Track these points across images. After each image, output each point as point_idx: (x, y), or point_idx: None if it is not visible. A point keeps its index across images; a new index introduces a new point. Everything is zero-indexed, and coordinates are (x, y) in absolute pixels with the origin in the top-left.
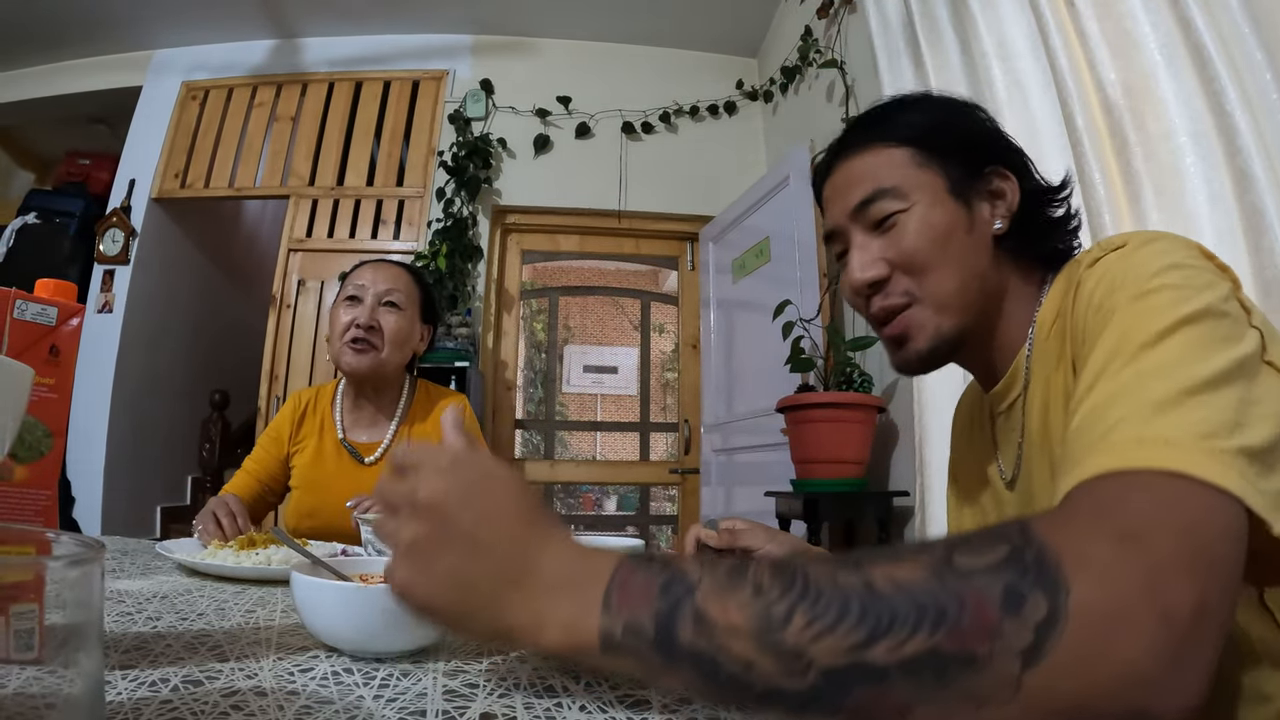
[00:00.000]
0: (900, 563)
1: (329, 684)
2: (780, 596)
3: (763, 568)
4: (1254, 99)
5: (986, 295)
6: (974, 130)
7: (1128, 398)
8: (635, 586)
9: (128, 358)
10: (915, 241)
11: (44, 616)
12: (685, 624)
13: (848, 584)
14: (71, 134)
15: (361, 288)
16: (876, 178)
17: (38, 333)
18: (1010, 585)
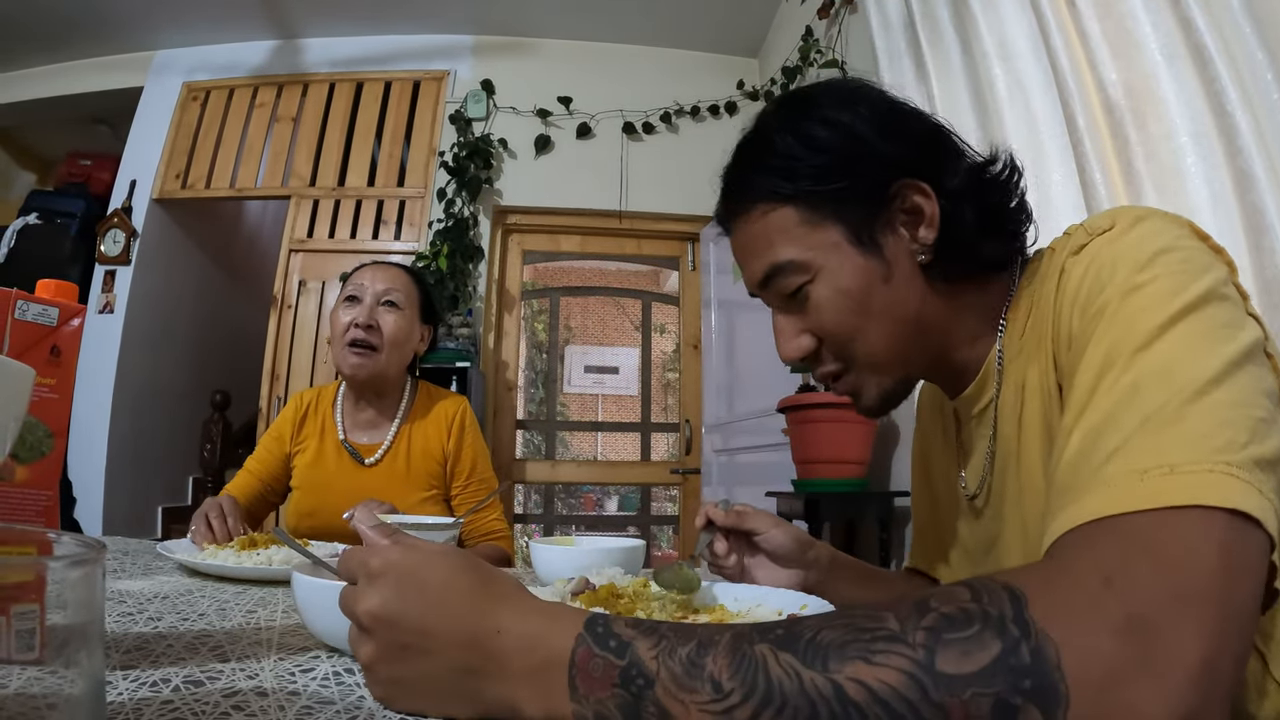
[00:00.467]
0: (874, 662)
1: (330, 684)
2: (742, 701)
3: (720, 656)
4: (1255, 99)
5: (928, 331)
6: (860, 148)
7: (1124, 417)
8: (595, 673)
9: (129, 358)
10: (831, 317)
11: (45, 617)
12: (650, 717)
13: (814, 688)
14: (73, 134)
15: (360, 287)
16: (769, 252)
17: (39, 333)
18: (1001, 698)
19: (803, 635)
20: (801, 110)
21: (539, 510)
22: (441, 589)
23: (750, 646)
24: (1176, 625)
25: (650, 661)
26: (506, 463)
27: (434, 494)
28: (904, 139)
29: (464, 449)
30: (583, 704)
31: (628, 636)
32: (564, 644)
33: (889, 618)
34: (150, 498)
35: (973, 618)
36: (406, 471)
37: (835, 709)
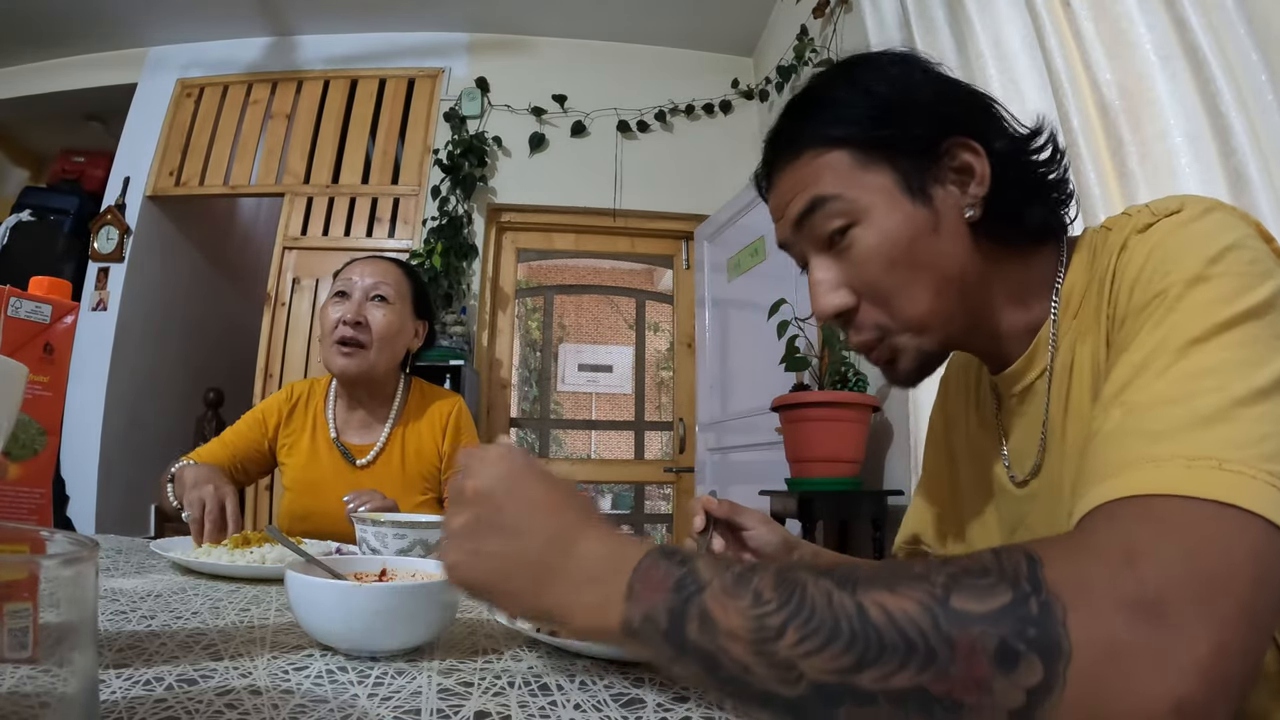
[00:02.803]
0: (896, 591)
1: (324, 682)
2: (777, 609)
3: (767, 576)
4: (1249, 100)
5: (970, 294)
6: (916, 100)
7: (1175, 404)
8: (655, 579)
9: (122, 356)
10: (878, 265)
11: (38, 615)
12: (693, 621)
13: (841, 606)
14: (66, 131)
15: (349, 282)
16: (814, 187)
17: (32, 330)
18: (1006, 641)
19: (844, 569)
20: (857, 65)
21: None
22: (546, 492)
23: (795, 573)
24: (1192, 614)
25: (706, 572)
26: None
27: (429, 497)
28: (957, 100)
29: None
30: (634, 605)
31: (691, 555)
32: (634, 555)
33: (917, 565)
34: (143, 496)
35: (990, 571)
36: (401, 473)
37: (855, 626)
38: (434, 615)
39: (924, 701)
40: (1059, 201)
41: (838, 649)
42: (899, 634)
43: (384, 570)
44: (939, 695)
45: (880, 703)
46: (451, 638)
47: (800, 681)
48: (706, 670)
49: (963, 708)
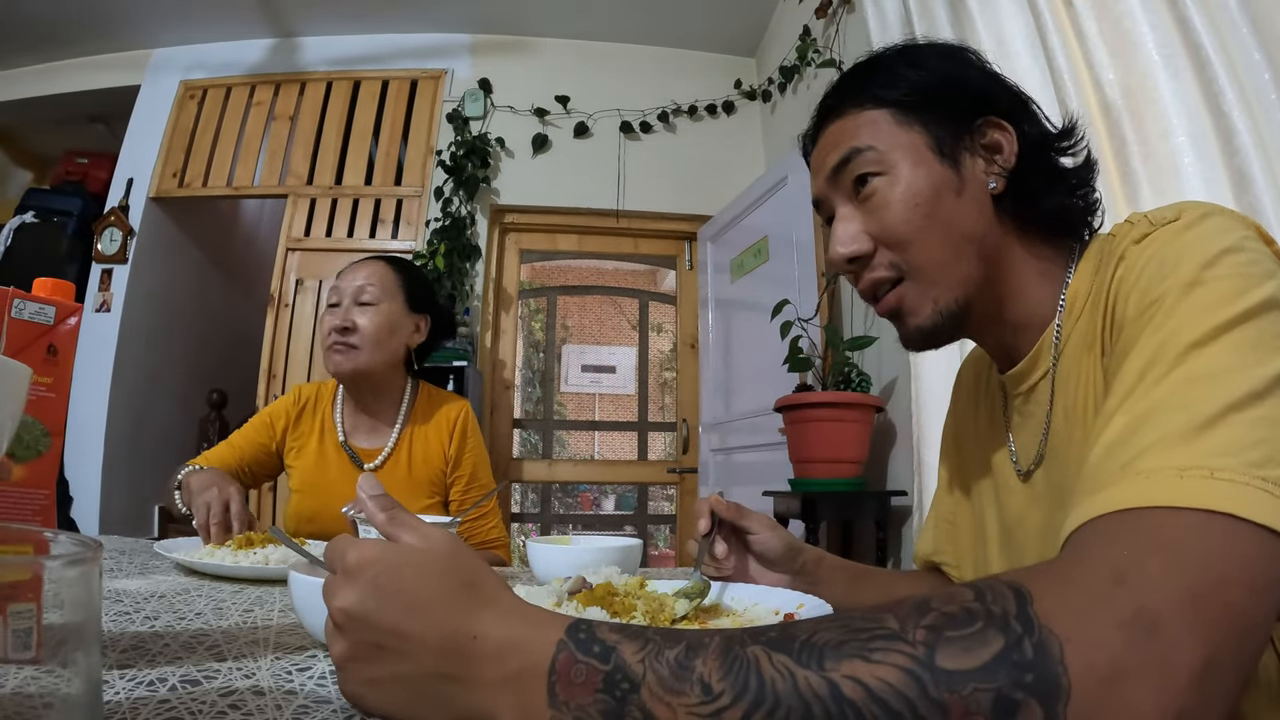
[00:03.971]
0: (871, 659)
1: (326, 683)
2: (732, 702)
3: (710, 658)
4: (1252, 99)
5: (987, 262)
6: (960, 79)
7: (1169, 412)
8: (578, 679)
9: (125, 357)
10: (897, 211)
11: (42, 616)
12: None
13: (808, 687)
14: (69, 133)
15: (339, 290)
16: (851, 139)
17: (35, 332)
18: (1002, 693)
19: (797, 637)
20: (910, 45)
21: (536, 509)
22: (418, 590)
23: (742, 649)
24: (1184, 627)
25: (636, 665)
26: (504, 462)
27: (435, 500)
28: (997, 86)
29: (465, 454)
30: (562, 711)
31: (612, 641)
32: (544, 650)
33: (888, 618)
34: (147, 497)
35: (975, 616)
36: (409, 476)
37: (830, 708)
38: None
39: None
40: (1079, 200)
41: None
42: (882, 710)
43: None
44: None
45: None
46: None
47: None
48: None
49: None
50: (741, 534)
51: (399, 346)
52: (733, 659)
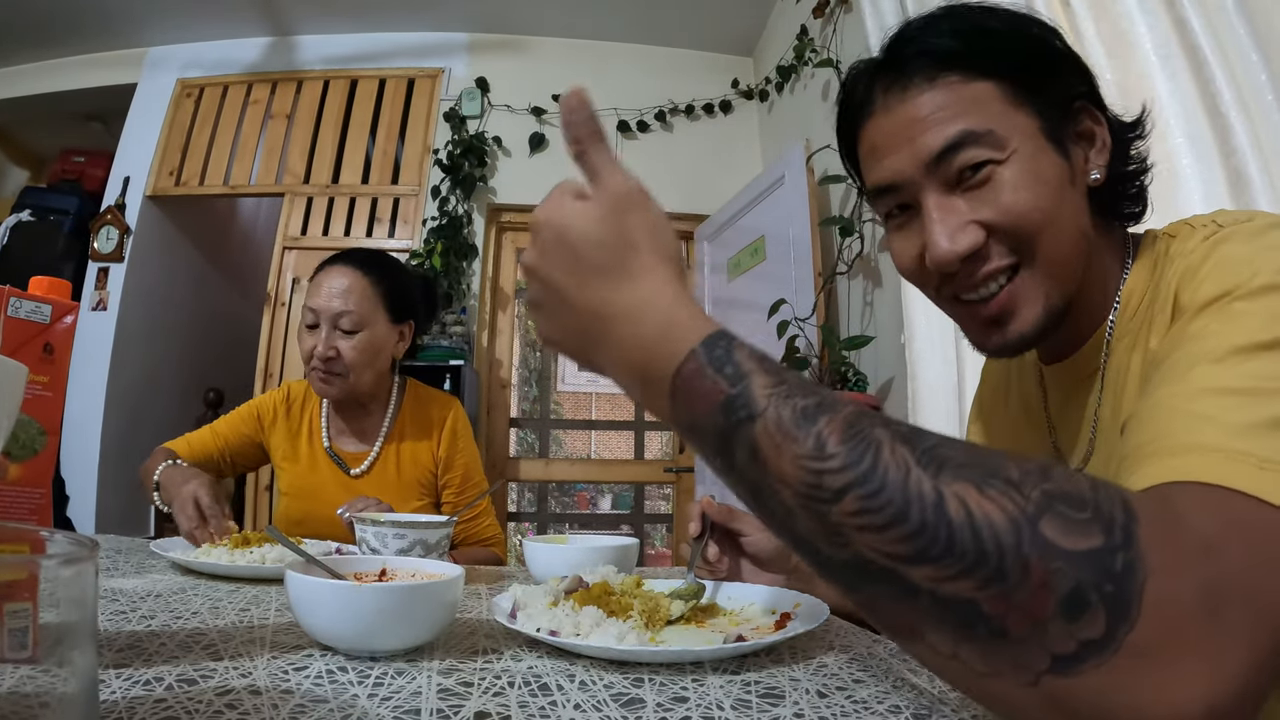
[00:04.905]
0: (984, 492)
1: (323, 683)
2: (840, 468)
3: (836, 420)
4: (1249, 100)
5: (1088, 258)
6: (1060, 57)
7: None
8: (699, 389)
9: (122, 356)
10: (1023, 199)
11: (38, 615)
12: (741, 449)
13: (917, 488)
14: (66, 131)
15: (315, 312)
16: (961, 118)
17: (32, 330)
18: (1081, 587)
19: (925, 441)
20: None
21: (532, 508)
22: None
23: (870, 427)
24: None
25: (762, 399)
26: (500, 461)
27: (427, 502)
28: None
29: (456, 456)
30: (679, 412)
31: (747, 368)
32: (675, 352)
33: (1011, 467)
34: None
35: (1086, 504)
36: (398, 480)
37: (928, 516)
38: (434, 615)
39: (970, 615)
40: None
41: (900, 534)
42: (974, 540)
43: (384, 570)
44: (990, 615)
45: (921, 599)
46: (451, 638)
47: (845, 549)
48: (752, 497)
49: (1006, 635)
50: (734, 536)
51: (385, 361)
52: (857, 431)
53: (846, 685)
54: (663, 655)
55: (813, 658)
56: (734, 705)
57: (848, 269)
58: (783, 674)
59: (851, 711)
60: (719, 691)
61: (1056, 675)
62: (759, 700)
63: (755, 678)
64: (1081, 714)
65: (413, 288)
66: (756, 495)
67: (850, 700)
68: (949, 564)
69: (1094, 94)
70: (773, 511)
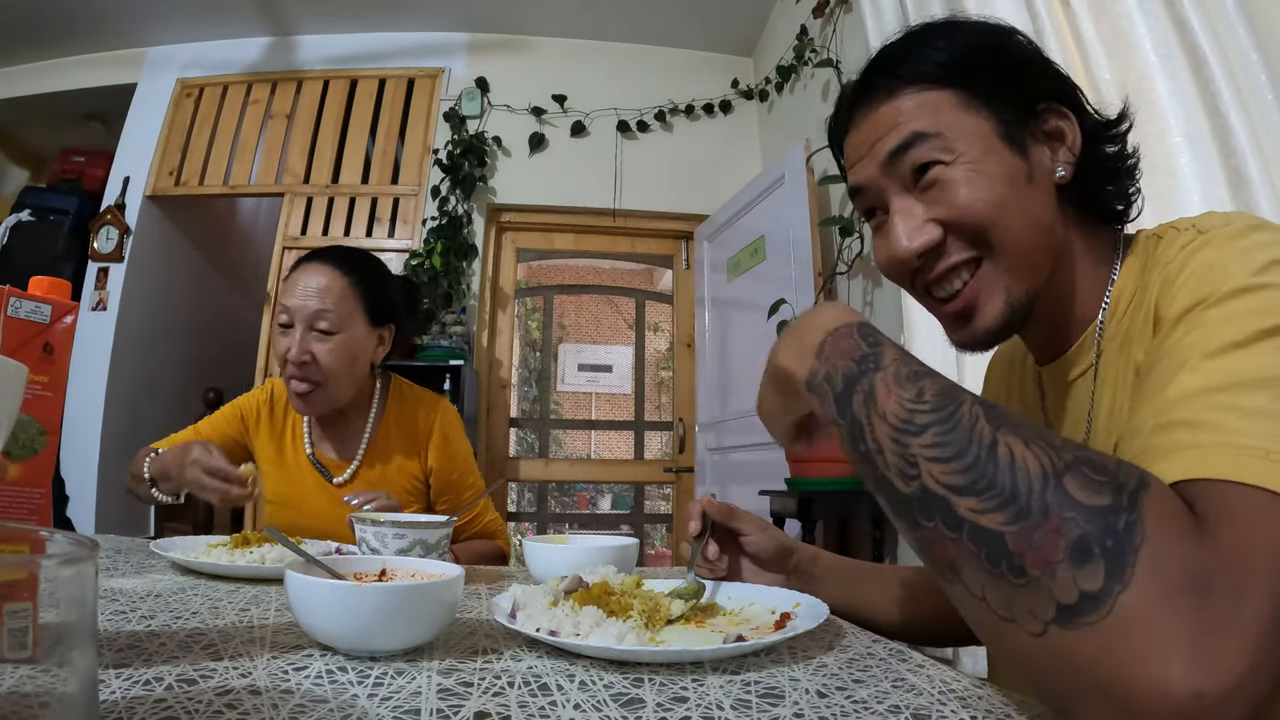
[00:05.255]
0: (1029, 445)
1: (323, 682)
2: (929, 410)
3: (937, 382)
4: (1249, 100)
5: (1055, 254)
6: (1020, 59)
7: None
8: (843, 347)
9: (122, 356)
10: (969, 195)
11: (38, 615)
12: (859, 393)
13: (979, 432)
14: (66, 131)
15: (289, 310)
16: (912, 122)
17: (32, 330)
18: (1086, 538)
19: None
20: (959, 19)
21: (532, 508)
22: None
23: (961, 391)
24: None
25: (889, 360)
26: (500, 461)
27: (417, 508)
28: (1051, 68)
29: (451, 465)
30: (821, 362)
31: (884, 341)
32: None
33: (1055, 436)
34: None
35: (1106, 470)
36: (384, 486)
37: (982, 455)
38: (434, 615)
39: (998, 550)
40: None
41: (959, 466)
42: (1011, 478)
43: (384, 570)
44: (1014, 551)
45: (963, 533)
46: (451, 638)
47: (915, 480)
48: (852, 438)
49: (1024, 574)
50: (734, 535)
51: (364, 366)
52: (950, 390)
53: (846, 685)
54: (663, 655)
55: (813, 658)
56: (734, 705)
57: (848, 269)
58: (783, 674)
59: (851, 711)
60: (719, 691)
61: (1061, 627)
62: (759, 700)
63: (755, 678)
64: (1080, 673)
65: (393, 289)
66: (857, 431)
67: (850, 700)
68: (989, 497)
69: (1064, 94)
70: (866, 449)
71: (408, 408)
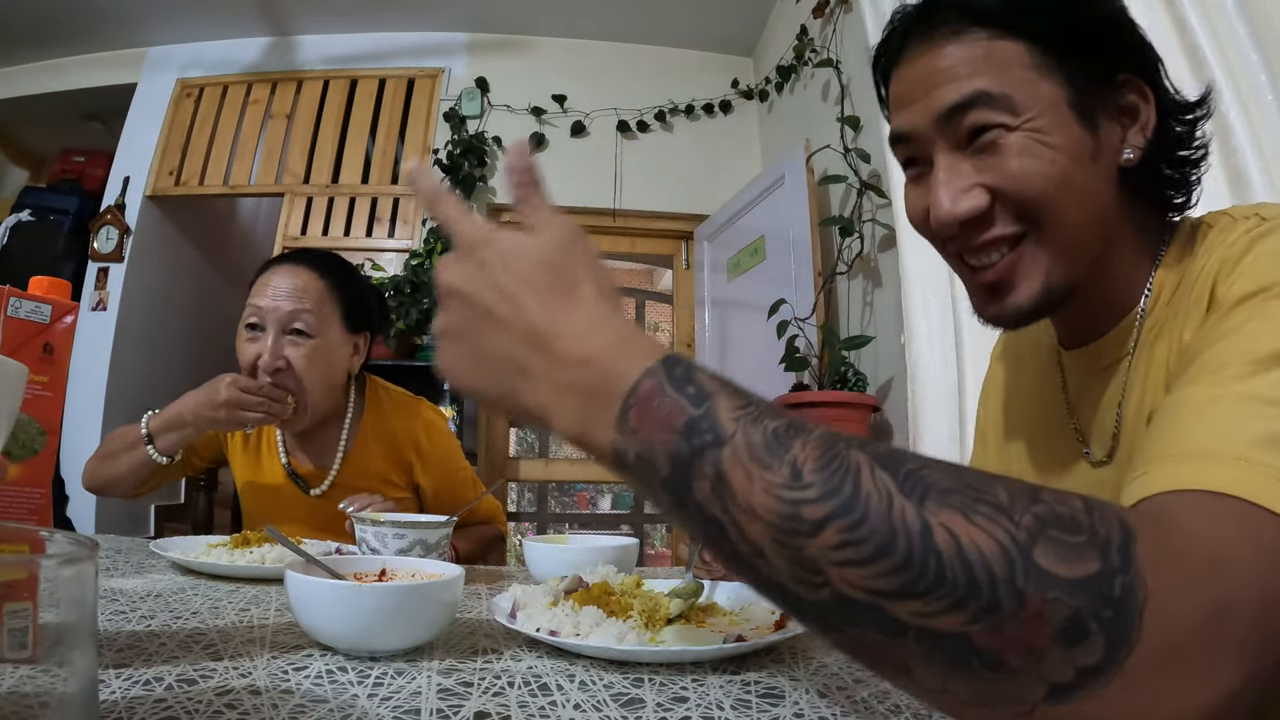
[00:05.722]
0: (972, 520)
1: (323, 682)
2: (819, 499)
3: (810, 445)
4: (1249, 100)
5: (1106, 240)
6: (1111, 22)
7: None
8: (657, 413)
9: (122, 356)
10: (1028, 166)
11: (38, 615)
12: (703, 479)
13: (901, 518)
14: (66, 131)
15: (260, 310)
16: (980, 76)
17: (32, 330)
18: (1079, 615)
19: (905, 464)
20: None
21: (532, 508)
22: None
23: (846, 450)
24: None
25: (729, 422)
26: (500, 461)
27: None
28: (1139, 37)
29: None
30: (628, 438)
31: (710, 389)
32: (629, 371)
33: (999, 488)
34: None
35: (1081, 528)
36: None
37: (915, 548)
38: (434, 615)
39: (961, 651)
40: (1196, 175)
41: (884, 568)
42: (965, 571)
43: (384, 570)
44: (982, 648)
45: (908, 638)
46: (451, 638)
47: (822, 588)
48: (709, 537)
49: (1003, 668)
50: None
51: (340, 376)
52: (834, 456)
53: (846, 685)
54: (663, 655)
55: (813, 658)
56: (734, 705)
57: (848, 269)
58: (783, 674)
59: (851, 711)
60: (719, 691)
61: (1053, 704)
62: (759, 700)
63: (755, 678)
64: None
65: (369, 296)
66: (716, 532)
67: (850, 700)
68: (938, 598)
69: (1147, 68)
70: (735, 550)
71: (385, 417)
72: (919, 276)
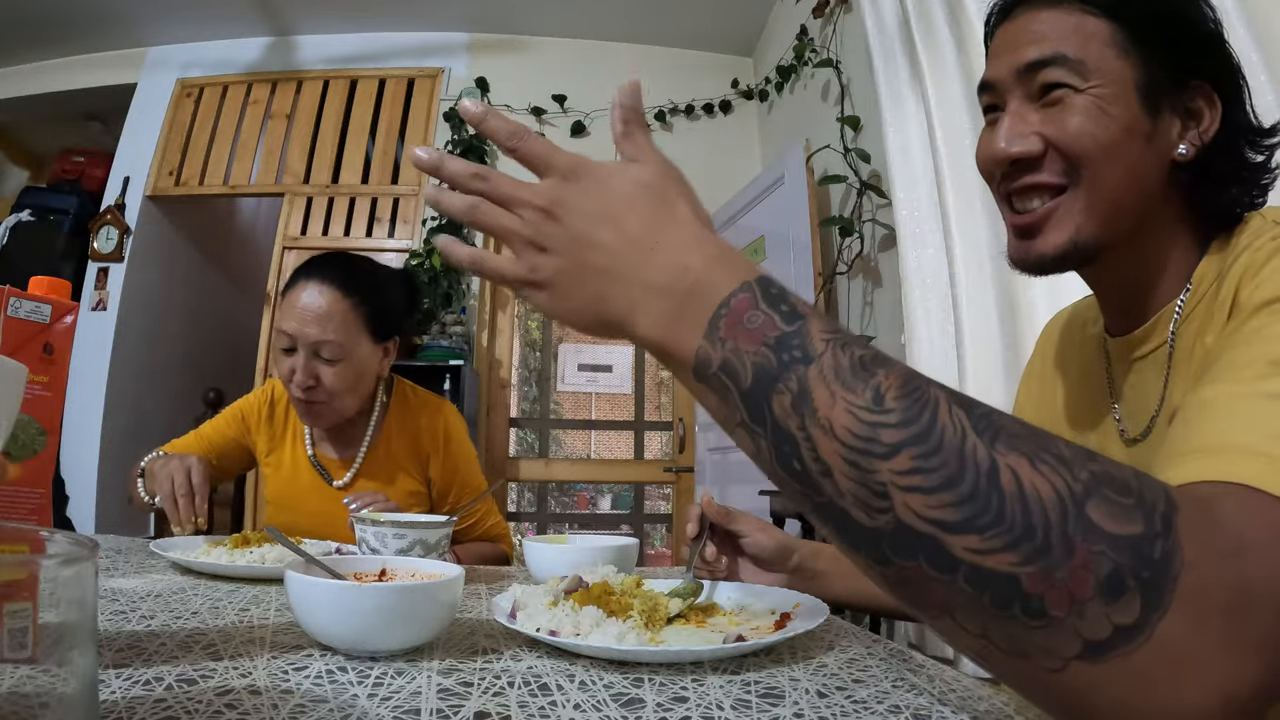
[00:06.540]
0: (1036, 466)
1: (323, 682)
2: (898, 424)
3: (894, 374)
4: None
5: (1141, 220)
6: (1197, 28)
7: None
8: (750, 324)
9: (122, 356)
10: (1083, 125)
11: (38, 615)
12: (785, 394)
13: (972, 453)
14: (66, 131)
15: (290, 336)
16: (1064, 42)
17: (31, 330)
18: (1119, 571)
19: (980, 406)
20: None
21: (532, 509)
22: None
23: (927, 385)
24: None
25: (820, 342)
26: (500, 461)
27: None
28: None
29: (454, 472)
30: (715, 346)
31: (803, 310)
32: (723, 282)
33: (1061, 444)
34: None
35: (1130, 491)
36: (385, 491)
37: (981, 484)
38: (434, 615)
39: (1008, 593)
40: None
41: (950, 498)
42: (1023, 513)
43: (384, 570)
44: (1030, 593)
45: (957, 575)
46: (451, 638)
47: (885, 514)
48: (776, 455)
49: (1046, 616)
50: (733, 537)
51: (370, 381)
52: (915, 387)
53: (846, 685)
54: (663, 655)
55: (813, 658)
56: (734, 705)
57: (848, 269)
58: (783, 674)
59: (851, 711)
60: (719, 691)
61: (1085, 662)
62: (759, 700)
63: (755, 678)
64: (1102, 704)
65: (395, 299)
66: (787, 447)
67: (850, 700)
68: (995, 535)
69: (1222, 83)
70: (803, 468)
71: (411, 412)
72: (919, 277)
